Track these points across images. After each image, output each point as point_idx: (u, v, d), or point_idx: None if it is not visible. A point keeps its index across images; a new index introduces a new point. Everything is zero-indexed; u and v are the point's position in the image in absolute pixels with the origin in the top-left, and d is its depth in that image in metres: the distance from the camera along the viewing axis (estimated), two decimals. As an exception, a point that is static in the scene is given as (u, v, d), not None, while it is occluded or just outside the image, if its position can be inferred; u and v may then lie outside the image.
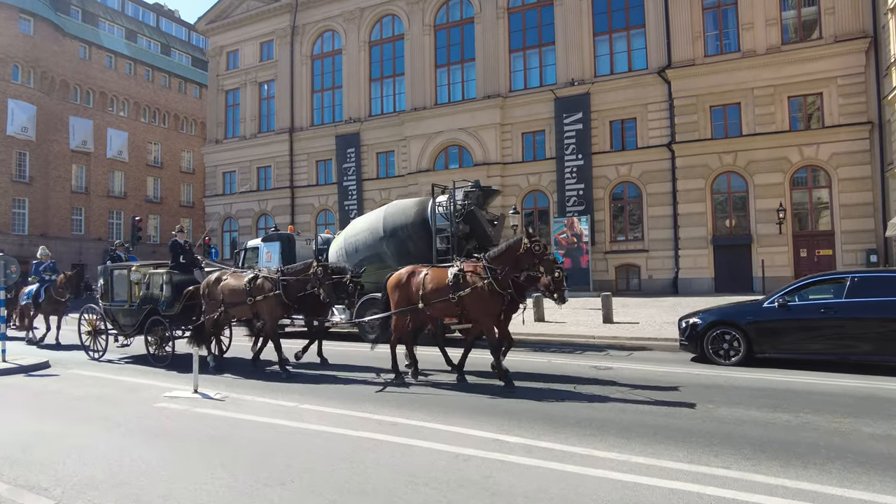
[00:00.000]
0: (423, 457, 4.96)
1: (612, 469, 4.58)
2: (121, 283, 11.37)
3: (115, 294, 11.43)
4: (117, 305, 11.36)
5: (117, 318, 11.35)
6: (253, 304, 9.49)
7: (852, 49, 22.59)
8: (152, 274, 10.82)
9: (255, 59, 35.71)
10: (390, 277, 8.84)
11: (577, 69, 27.10)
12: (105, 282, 11.66)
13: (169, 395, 7.83)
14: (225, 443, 5.54)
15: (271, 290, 9.39)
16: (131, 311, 11.04)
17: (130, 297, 11.05)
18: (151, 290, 10.69)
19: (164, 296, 10.53)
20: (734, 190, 24.63)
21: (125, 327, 11.30)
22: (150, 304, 10.66)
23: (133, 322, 11.06)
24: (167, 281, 10.57)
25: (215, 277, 10.07)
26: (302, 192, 33.95)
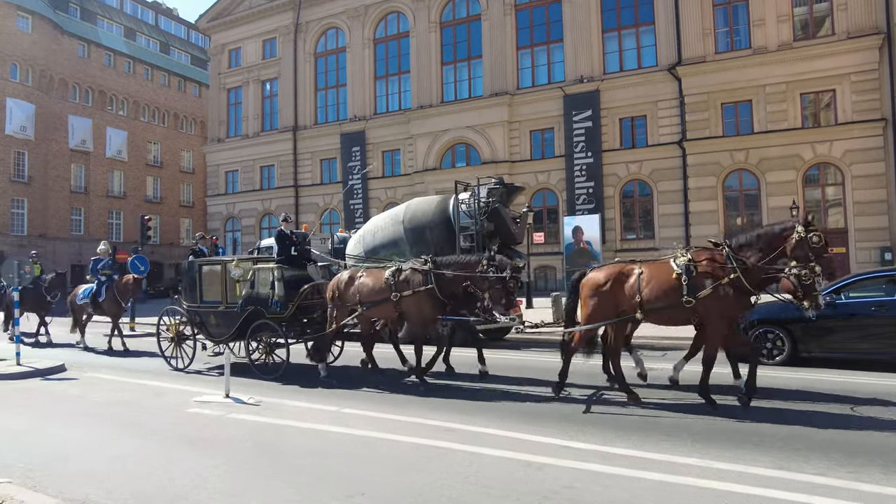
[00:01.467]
0: (495, 466, 4.67)
1: (698, 476, 4.30)
2: (212, 281, 9.81)
3: (204, 293, 9.89)
4: (208, 307, 9.82)
5: (207, 322, 9.85)
6: (398, 302, 8.07)
7: (866, 45, 22.40)
8: (258, 270, 9.30)
9: (257, 57, 35.31)
10: (585, 279, 7.09)
11: (585, 66, 26.84)
12: (191, 280, 10.15)
13: (199, 399, 7.51)
14: (274, 451, 5.23)
15: (421, 284, 7.99)
16: (227, 314, 9.49)
17: (226, 296, 9.55)
18: (257, 289, 9.17)
19: (275, 295, 8.97)
20: (746, 188, 24.42)
21: (217, 332, 9.78)
22: (256, 304, 9.13)
23: (229, 326, 9.50)
24: (279, 277, 9.03)
25: (348, 276, 8.68)
26: (306, 192, 33.57)
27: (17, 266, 10.40)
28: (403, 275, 8.19)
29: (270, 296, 9.03)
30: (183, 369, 9.81)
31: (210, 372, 9.84)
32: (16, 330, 10.96)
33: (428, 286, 7.87)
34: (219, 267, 9.77)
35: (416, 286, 7.97)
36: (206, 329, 9.91)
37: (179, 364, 10.00)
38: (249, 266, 9.52)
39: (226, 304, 9.54)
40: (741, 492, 3.99)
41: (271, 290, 9.02)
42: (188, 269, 10.36)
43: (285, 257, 9.59)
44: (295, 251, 9.69)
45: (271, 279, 9.03)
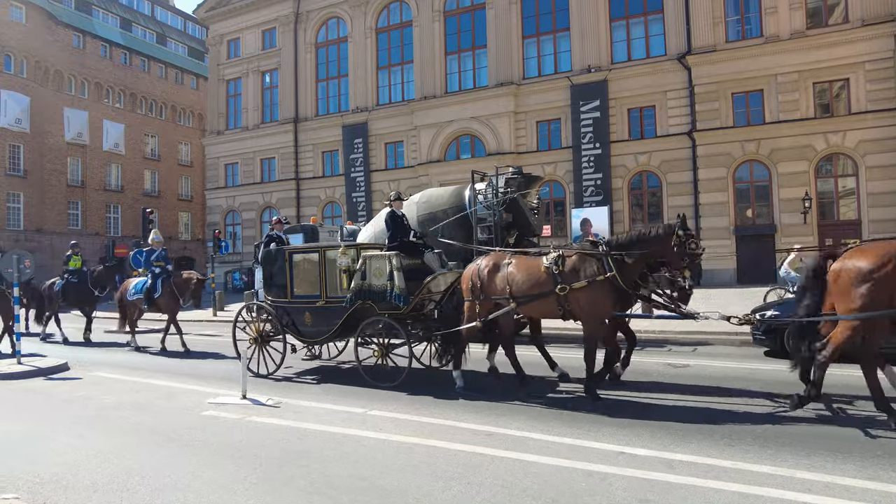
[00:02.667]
0: (551, 475, 4.26)
1: (780, 487, 3.90)
2: (308, 273, 8.39)
3: (296, 287, 8.46)
4: (302, 302, 8.39)
5: (299, 320, 8.45)
6: (567, 296, 6.55)
7: (880, 33, 21.98)
8: (371, 258, 7.85)
9: (257, 48, 34.69)
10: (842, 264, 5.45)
11: (593, 56, 26.34)
12: (276, 271, 8.76)
13: (214, 401, 7.08)
14: (305, 460, 4.82)
15: (597, 273, 6.49)
16: (328, 310, 8.11)
17: (325, 289, 8.15)
18: (369, 280, 7.76)
19: (395, 287, 7.55)
20: (757, 179, 24.03)
21: (312, 332, 8.43)
22: (369, 299, 7.77)
23: (329, 324, 8.15)
24: (397, 266, 7.60)
25: (492, 264, 7.23)
26: (307, 184, 33.07)
27: (17, 261, 9.91)
28: (570, 262, 6.69)
29: (387, 288, 7.60)
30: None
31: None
32: (18, 326, 10.50)
33: (606, 274, 6.40)
34: (315, 255, 8.34)
35: (590, 276, 6.49)
36: (295, 328, 8.52)
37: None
38: (359, 254, 8.06)
39: (325, 299, 8.13)
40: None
41: (389, 282, 7.58)
42: (271, 259, 8.90)
43: (399, 242, 8.11)
44: (415, 236, 8.33)
45: (388, 268, 7.62)
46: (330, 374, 8.92)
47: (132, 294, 12.25)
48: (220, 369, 9.66)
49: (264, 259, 9.07)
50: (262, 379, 8.40)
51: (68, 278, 13.98)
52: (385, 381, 7.50)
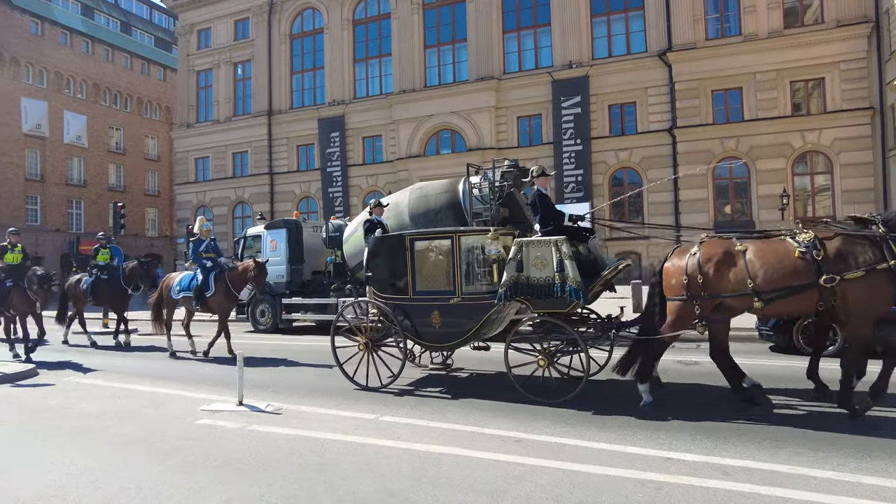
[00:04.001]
0: (601, 485, 3.92)
1: (851, 495, 3.63)
2: (434, 263, 7.11)
3: (419, 281, 7.11)
4: (427, 299, 7.03)
5: (422, 321, 7.08)
6: (833, 289, 5.29)
7: (854, 34, 22.39)
8: (530, 245, 6.50)
9: (229, 38, 33.57)
10: None
11: (574, 51, 26.22)
12: (389, 262, 7.43)
13: (207, 408, 6.56)
14: (324, 474, 4.37)
15: (875, 260, 5.26)
16: (465, 308, 6.81)
17: (460, 283, 6.80)
18: (527, 272, 6.39)
19: (570, 279, 6.15)
20: (736, 176, 24.28)
21: (439, 335, 7.03)
22: (527, 294, 6.41)
23: (465, 325, 6.84)
24: (569, 255, 6.22)
25: (719, 251, 5.78)
26: (282, 179, 32.17)
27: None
28: (833, 246, 5.42)
29: (554, 281, 6.23)
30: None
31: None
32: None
33: (889, 262, 5.18)
34: (446, 242, 6.98)
35: (867, 264, 5.24)
36: (415, 330, 7.15)
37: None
38: (507, 241, 6.75)
39: (461, 295, 6.82)
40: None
41: (558, 273, 6.20)
42: (383, 248, 7.54)
43: (555, 226, 6.73)
44: (572, 219, 6.93)
45: (555, 257, 6.23)
46: (321, 376, 8.44)
47: (177, 292, 10.77)
48: (206, 373, 9.09)
49: (372, 248, 7.66)
50: (259, 386, 7.87)
51: (98, 274, 12.55)
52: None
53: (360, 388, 7.21)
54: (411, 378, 7.81)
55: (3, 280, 10.57)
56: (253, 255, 14.86)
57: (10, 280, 10.49)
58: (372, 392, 7.11)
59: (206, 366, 9.75)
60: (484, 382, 7.67)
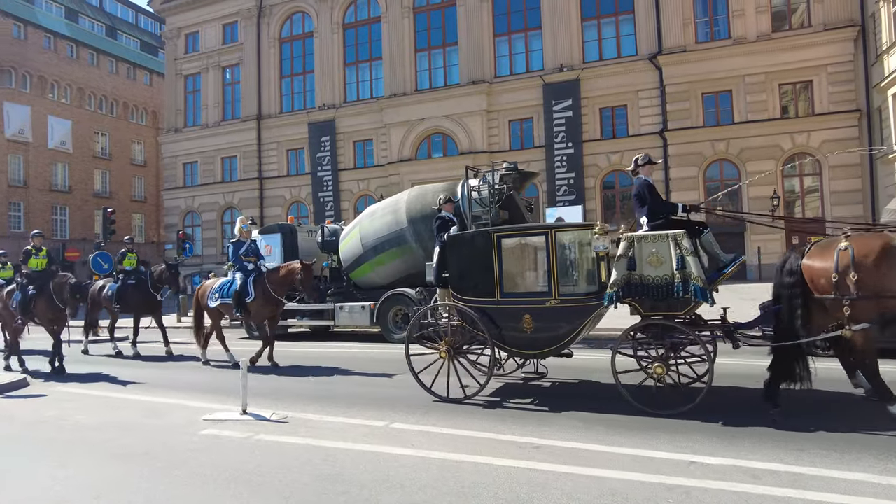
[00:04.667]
0: (629, 491, 3.81)
1: (884, 497, 3.56)
2: (526, 263, 6.71)
3: (507, 282, 6.57)
4: (519, 301, 6.43)
5: (512, 326, 6.45)
6: None
7: (841, 37, 22.68)
8: (643, 240, 5.82)
9: (217, 42, 33.30)
10: None
11: (565, 55, 26.30)
12: (466, 262, 6.81)
13: (210, 418, 6.37)
14: (341, 485, 4.23)
15: None
16: (561, 312, 6.17)
17: (556, 284, 6.16)
18: (641, 270, 5.78)
19: (693, 278, 5.58)
20: (727, 177, 24.45)
21: (532, 341, 6.43)
22: (640, 294, 5.80)
23: (561, 330, 6.25)
24: (690, 250, 5.64)
25: (878, 246, 5.25)
26: (272, 184, 31.92)
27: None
28: None
29: (674, 280, 5.66)
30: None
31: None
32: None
33: None
34: (540, 239, 6.40)
35: None
36: (501, 336, 6.53)
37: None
38: (623, 236, 6.00)
39: (558, 297, 6.22)
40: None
41: (679, 271, 5.64)
42: (464, 246, 6.93)
43: (666, 220, 6.11)
44: (685, 210, 6.22)
45: (674, 254, 5.68)
46: (324, 382, 8.28)
47: (215, 298, 10.05)
48: (201, 381, 8.88)
49: (451, 246, 6.99)
50: (261, 394, 7.68)
51: (124, 280, 11.95)
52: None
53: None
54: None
55: (25, 286, 9.97)
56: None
57: (34, 287, 9.86)
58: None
59: (204, 374, 9.54)
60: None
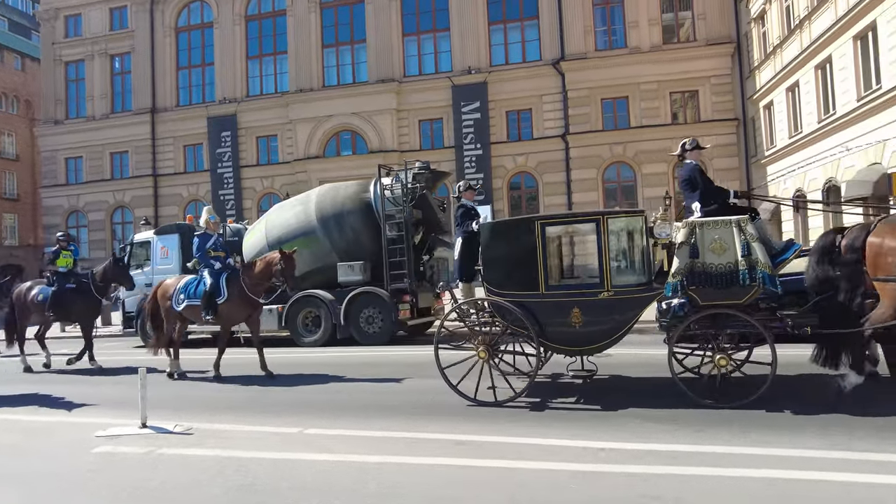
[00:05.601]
0: (536, 479, 3.91)
1: (797, 468, 3.90)
2: (573, 252, 6.44)
3: (553, 273, 6.20)
4: (564, 295, 6.04)
5: (558, 321, 5.99)
6: None
7: (721, 52, 24.80)
8: (704, 226, 5.60)
9: (103, 28, 30.72)
10: None
11: (473, 57, 26.77)
12: (504, 253, 6.40)
13: (103, 434, 5.83)
14: (258, 496, 4.02)
15: None
16: (614, 304, 5.84)
17: (608, 275, 5.80)
18: (704, 258, 5.55)
19: (760, 265, 5.41)
20: (623, 179, 25.96)
21: (581, 337, 6.04)
22: (702, 284, 5.55)
23: (615, 324, 5.90)
24: (755, 236, 5.45)
25: None
26: (167, 181, 29.96)
27: None
28: None
29: (739, 267, 5.43)
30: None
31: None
32: None
33: None
34: (589, 227, 6.10)
35: None
36: (543, 331, 6.09)
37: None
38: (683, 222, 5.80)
39: (610, 288, 5.88)
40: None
41: (744, 258, 5.41)
42: (501, 235, 6.55)
43: (718, 204, 5.97)
44: (736, 196, 6.09)
45: (737, 240, 5.46)
46: (229, 390, 7.89)
47: (180, 300, 8.72)
48: (95, 394, 8.10)
49: (487, 236, 6.49)
50: (162, 406, 7.15)
51: (60, 283, 10.27)
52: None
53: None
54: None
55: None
56: (140, 263, 13.69)
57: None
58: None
59: (99, 387, 8.74)
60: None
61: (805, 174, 19.18)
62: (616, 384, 7.03)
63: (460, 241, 7.20)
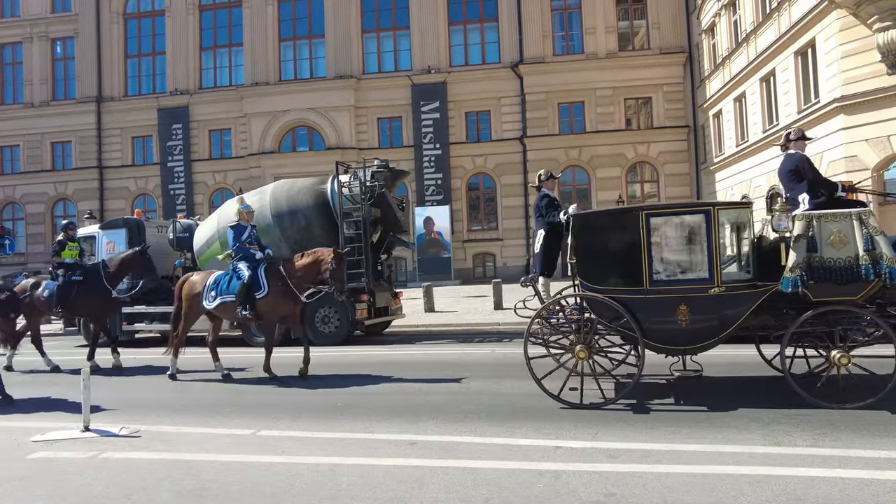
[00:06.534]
0: (502, 480, 3.94)
1: (745, 464, 4.06)
2: (681, 245, 6.02)
3: (656, 268, 5.78)
4: (670, 291, 5.66)
5: (662, 319, 5.64)
6: None
7: (673, 61, 25.64)
8: (822, 218, 5.33)
9: (43, 9, 29.28)
10: None
11: (432, 57, 26.80)
12: (603, 246, 6.06)
13: (41, 438, 5.54)
14: (207, 500, 3.91)
15: None
16: (725, 300, 5.51)
17: (718, 269, 5.52)
18: (822, 252, 5.28)
19: (886, 258, 5.13)
20: (579, 183, 26.49)
21: (687, 335, 5.69)
22: (820, 279, 5.28)
23: (725, 320, 5.58)
24: (877, 229, 5.23)
25: None
26: (114, 174, 28.83)
27: None
28: None
29: (859, 261, 5.18)
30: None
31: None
32: None
33: None
34: (698, 218, 5.74)
35: None
36: (642, 329, 5.67)
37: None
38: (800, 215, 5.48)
39: (720, 284, 5.51)
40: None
41: (865, 252, 5.15)
42: (595, 227, 6.24)
43: (827, 197, 5.69)
44: (843, 190, 5.82)
45: (857, 233, 5.21)
46: (178, 391, 7.65)
47: (212, 297, 7.97)
48: (17, 395, 7.54)
49: (583, 229, 6.08)
50: (107, 408, 6.84)
51: (67, 276, 9.43)
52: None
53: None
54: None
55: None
56: (86, 258, 13.07)
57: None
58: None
59: (30, 388, 8.30)
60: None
61: (750, 181, 20.01)
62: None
63: (543, 233, 6.70)
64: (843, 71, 14.27)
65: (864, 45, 13.76)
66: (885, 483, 3.69)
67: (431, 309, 15.43)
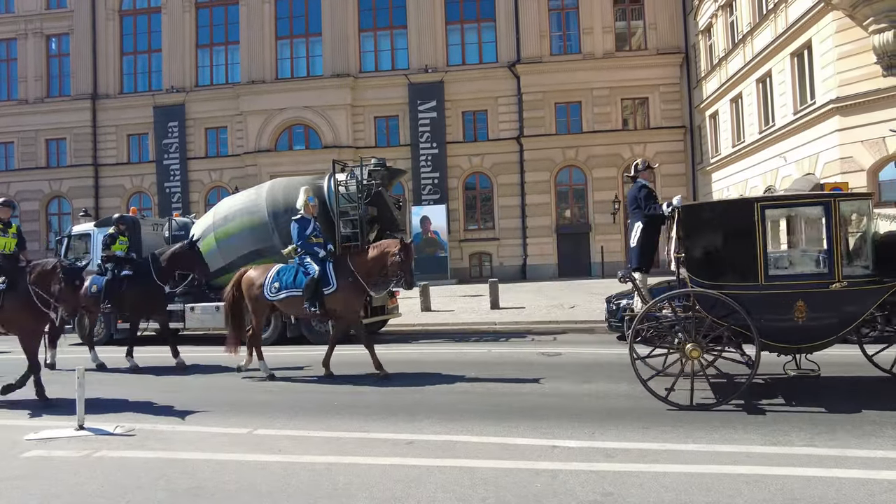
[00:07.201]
0: (499, 479, 3.94)
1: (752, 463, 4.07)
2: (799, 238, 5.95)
3: (771, 263, 5.51)
4: (787, 286, 5.40)
5: (778, 316, 5.39)
6: None
7: (670, 62, 25.69)
8: None
9: (38, 6, 29.11)
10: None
11: (430, 56, 26.78)
12: (716, 239, 5.75)
13: (35, 437, 5.51)
14: (203, 500, 3.89)
15: None
16: (846, 296, 5.29)
17: (839, 264, 5.27)
18: None
19: None
20: (575, 182, 26.52)
21: (803, 333, 5.46)
22: None
23: (842, 319, 5.40)
24: None
25: None
26: (109, 171, 28.72)
27: None
28: None
29: None
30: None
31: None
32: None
33: None
34: (817, 210, 5.57)
35: None
36: (764, 328, 5.41)
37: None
38: None
39: (842, 279, 5.22)
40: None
41: None
42: (706, 220, 5.97)
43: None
44: None
45: None
46: (173, 390, 7.62)
47: (274, 289, 7.72)
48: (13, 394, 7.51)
49: (693, 221, 5.84)
50: (102, 406, 6.81)
51: (116, 271, 9.17)
52: None
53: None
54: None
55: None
56: (79, 256, 13.00)
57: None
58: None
59: (27, 386, 8.24)
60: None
61: (746, 182, 20.08)
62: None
63: (640, 226, 6.40)
64: (839, 72, 14.33)
65: (860, 46, 13.81)
66: (882, 483, 3.70)
67: (428, 308, 15.41)
